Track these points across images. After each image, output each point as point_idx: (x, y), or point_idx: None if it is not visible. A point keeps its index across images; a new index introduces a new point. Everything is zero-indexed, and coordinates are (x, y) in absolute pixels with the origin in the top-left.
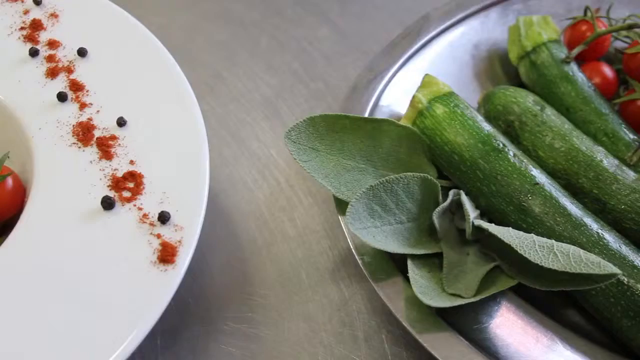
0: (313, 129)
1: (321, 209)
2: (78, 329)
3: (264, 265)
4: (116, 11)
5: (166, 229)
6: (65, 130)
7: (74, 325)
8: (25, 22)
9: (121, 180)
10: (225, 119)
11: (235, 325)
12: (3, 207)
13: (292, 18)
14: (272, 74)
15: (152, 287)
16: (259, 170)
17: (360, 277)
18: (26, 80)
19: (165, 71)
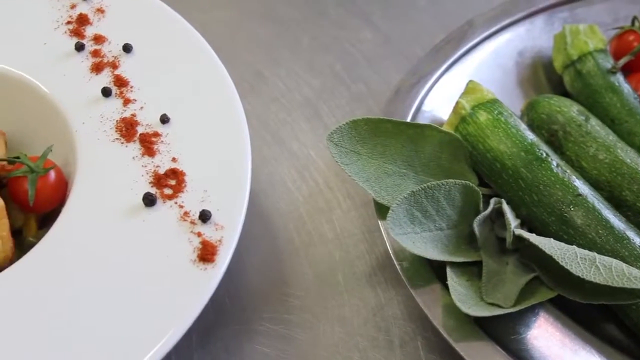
0: (355, 132)
1: (359, 212)
2: (116, 325)
3: (301, 267)
4: (161, 7)
5: (207, 228)
6: (109, 126)
7: (112, 321)
8: (71, 17)
9: (163, 178)
10: (266, 119)
11: (270, 326)
12: (45, 199)
13: (334, 19)
14: (313, 75)
15: (192, 286)
16: (298, 171)
17: (397, 282)
18: (71, 74)
19: (209, 69)
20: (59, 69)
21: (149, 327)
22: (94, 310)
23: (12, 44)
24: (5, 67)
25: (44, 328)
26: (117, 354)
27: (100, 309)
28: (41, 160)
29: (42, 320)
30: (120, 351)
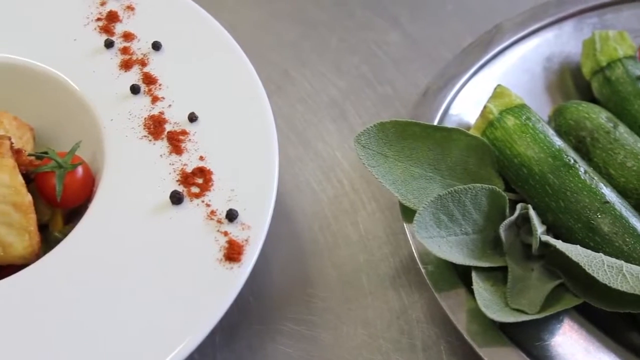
0: (383, 134)
1: (384, 214)
2: (140, 322)
3: (325, 268)
4: (190, 6)
5: (233, 227)
6: (137, 123)
7: (136, 319)
8: (101, 14)
9: (190, 176)
10: (292, 119)
11: (293, 327)
12: (72, 195)
13: (362, 21)
14: (340, 76)
15: (217, 285)
16: (323, 172)
17: (421, 285)
18: (100, 71)
19: (237, 68)
20: (88, 65)
21: (174, 325)
22: (119, 307)
23: (42, 39)
24: (35, 62)
25: (69, 324)
26: (141, 352)
27: (125, 306)
28: (69, 155)
29: (67, 316)
30: (145, 349)
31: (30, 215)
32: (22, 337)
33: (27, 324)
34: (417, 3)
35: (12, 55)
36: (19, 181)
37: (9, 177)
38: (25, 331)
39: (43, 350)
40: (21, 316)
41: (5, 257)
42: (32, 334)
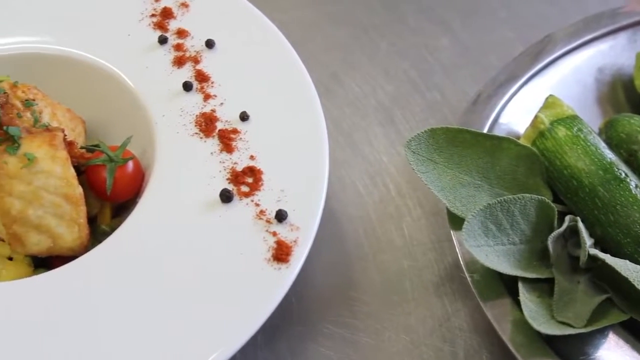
0: (433, 140)
1: (429, 221)
2: (185, 320)
3: (369, 272)
4: (244, 4)
5: (282, 228)
6: (188, 120)
7: (182, 316)
8: (156, 10)
9: (240, 175)
10: (340, 122)
11: (335, 329)
12: (122, 189)
13: (413, 26)
14: (389, 80)
15: (265, 285)
16: (370, 175)
17: (464, 293)
18: (153, 66)
19: (290, 69)
20: (141, 60)
21: (219, 324)
22: (165, 304)
23: (97, 33)
24: (90, 56)
25: (114, 318)
26: (185, 350)
27: (171, 303)
28: (120, 150)
29: (113, 310)
30: (189, 347)
31: (80, 208)
32: (67, 327)
33: (72, 315)
34: (469, 9)
35: (67, 48)
36: (70, 173)
37: (62, 169)
38: (71, 322)
39: (88, 343)
40: (67, 307)
41: (54, 248)
42: (78, 325)
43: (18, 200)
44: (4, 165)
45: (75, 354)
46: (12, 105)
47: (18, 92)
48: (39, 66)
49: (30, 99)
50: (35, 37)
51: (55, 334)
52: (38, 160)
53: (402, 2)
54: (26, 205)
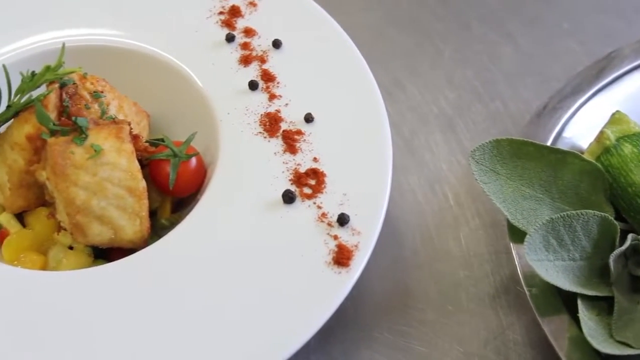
0: (497, 151)
1: (487, 232)
2: (244, 319)
3: (424, 280)
4: (311, 6)
5: (343, 232)
6: (253, 119)
7: (240, 316)
8: (224, 7)
9: (303, 176)
10: (401, 127)
11: (389, 336)
12: (184, 185)
13: (477, 34)
14: (451, 88)
15: (325, 288)
16: (429, 183)
17: (520, 307)
18: (220, 64)
19: (355, 72)
20: (208, 57)
21: (277, 326)
22: (221, 302)
23: (165, 29)
24: (158, 51)
25: (170, 314)
26: (240, 350)
27: (229, 302)
28: (184, 145)
29: (170, 305)
30: (245, 347)
31: (143, 201)
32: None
33: (130, 309)
34: (533, 19)
35: (136, 42)
36: (135, 167)
37: (127, 161)
38: (129, 316)
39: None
40: (125, 300)
41: (115, 240)
42: (134, 319)
43: (83, 190)
44: (71, 156)
45: (130, 348)
46: (80, 97)
47: (87, 83)
48: (108, 59)
49: (99, 90)
50: (106, 30)
51: (113, 326)
52: (104, 152)
53: (466, 9)
54: (90, 196)
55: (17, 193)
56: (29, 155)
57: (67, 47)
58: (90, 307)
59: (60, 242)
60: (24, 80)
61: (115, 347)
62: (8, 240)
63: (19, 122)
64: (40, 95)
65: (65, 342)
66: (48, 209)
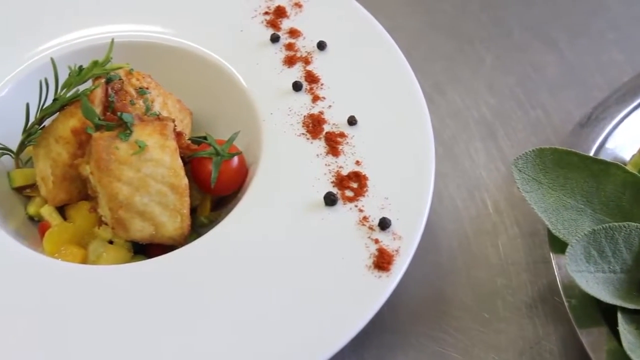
0: (540, 160)
1: (526, 240)
2: (283, 320)
3: (461, 287)
4: (356, 8)
5: (384, 236)
6: (296, 120)
7: (279, 317)
8: (269, 8)
9: (345, 179)
10: (440, 133)
11: (424, 342)
12: (225, 183)
13: (519, 41)
14: (492, 95)
15: (364, 292)
16: (468, 190)
17: (557, 318)
18: (264, 64)
19: (399, 76)
20: (253, 57)
21: (315, 328)
22: (260, 302)
23: (211, 28)
24: (203, 49)
25: (207, 313)
26: (277, 352)
27: (267, 303)
28: (227, 144)
29: (207, 304)
30: (282, 349)
31: (185, 199)
32: (161, 316)
33: (167, 306)
34: (577, 28)
35: (182, 40)
36: (178, 164)
37: (170, 159)
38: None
39: (177, 335)
40: (164, 297)
41: (155, 236)
42: (172, 316)
43: (126, 186)
44: (115, 151)
45: (164, 345)
46: (126, 92)
47: (133, 79)
48: (154, 55)
49: (144, 87)
50: (153, 26)
51: (150, 322)
52: (148, 149)
53: (510, 16)
54: (133, 191)
55: (60, 186)
56: (73, 149)
57: (114, 42)
58: (129, 303)
59: (100, 236)
60: (71, 74)
61: (150, 343)
62: (49, 233)
63: (65, 115)
64: (86, 89)
65: (101, 336)
66: (90, 203)
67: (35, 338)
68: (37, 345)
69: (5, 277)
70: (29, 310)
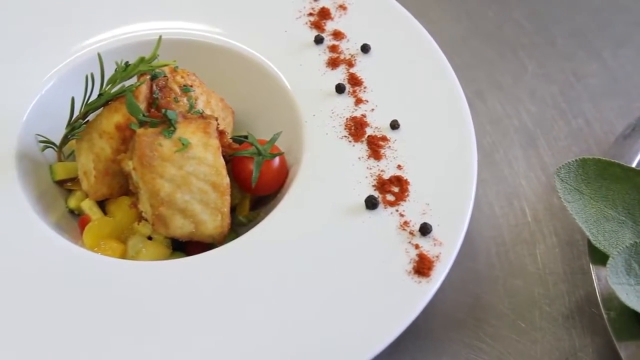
0: (582, 170)
1: (564, 250)
2: (321, 322)
3: (498, 295)
4: (401, 12)
5: (425, 241)
6: (338, 122)
7: (316, 318)
8: (314, 9)
9: (387, 183)
10: (480, 139)
11: (460, 349)
12: (266, 183)
13: (563, 50)
14: (533, 103)
15: (404, 297)
16: (507, 197)
17: (594, 329)
18: (307, 65)
19: (443, 81)
20: (296, 58)
21: (354, 331)
22: (298, 304)
23: (255, 27)
24: (247, 49)
25: (245, 312)
26: (313, 354)
27: (305, 304)
28: (269, 144)
29: (245, 303)
30: (318, 351)
31: (226, 197)
32: (197, 314)
33: (203, 304)
34: (622, 38)
35: (225, 38)
36: (220, 162)
37: (213, 157)
38: (201, 310)
39: (211, 334)
40: (201, 295)
41: (195, 234)
42: (206, 314)
43: (168, 183)
44: (159, 148)
45: (197, 344)
46: (170, 89)
47: (177, 77)
48: (198, 53)
49: (188, 85)
50: (198, 24)
51: (186, 320)
52: (191, 146)
53: (553, 24)
54: (175, 188)
55: (102, 181)
56: (116, 145)
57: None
58: (167, 299)
59: (140, 232)
60: (117, 70)
61: (186, 341)
62: (89, 227)
63: (109, 111)
64: (131, 85)
65: (138, 331)
66: (130, 198)
67: (73, 329)
68: (75, 336)
69: (46, 269)
70: (68, 302)
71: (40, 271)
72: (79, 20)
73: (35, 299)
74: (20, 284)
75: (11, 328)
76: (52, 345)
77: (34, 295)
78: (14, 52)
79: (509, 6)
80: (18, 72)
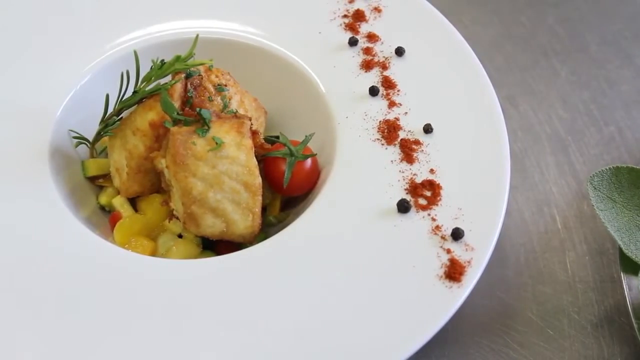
0: (616, 179)
1: (594, 259)
2: (350, 325)
3: (526, 302)
4: (436, 16)
5: (457, 246)
6: (371, 125)
7: (345, 321)
8: (348, 11)
9: (419, 187)
10: (511, 145)
11: (486, 355)
12: (297, 184)
13: (596, 56)
14: (565, 110)
15: (434, 302)
16: (537, 204)
17: (623, 339)
18: (341, 67)
19: (477, 86)
20: (330, 59)
21: (384, 334)
22: (328, 306)
23: (290, 28)
24: (282, 49)
25: (273, 313)
26: (344, 357)
27: (334, 307)
28: (302, 145)
29: (274, 305)
30: (347, 354)
31: (257, 197)
32: (226, 313)
33: (232, 304)
34: None
35: (260, 39)
36: (253, 162)
37: (246, 157)
38: (230, 310)
39: (245, 333)
40: (230, 295)
41: (226, 233)
42: (234, 314)
43: (201, 181)
44: (192, 146)
45: (231, 343)
46: (204, 88)
47: (212, 76)
48: (233, 53)
49: (223, 84)
50: (234, 24)
51: (219, 319)
52: (225, 146)
53: (587, 31)
54: (207, 187)
55: (134, 178)
56: (149, 142)
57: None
58: (196, 298)
59: (170, 229)
60: (153, 68)
61: (215, 339)
62: (120, 224)
63: (143, 108)
64: (166, 84)
65: (166, 328)
66: (162, 196)
67: (101, 324)
68: (103, 331)
69: (77, 264)
70: (97, 297)
71: (71, 266)
72: (115, 17)
73: (64, 293)
74: (50, 278)
75: (41, 321)
76: (81, 339)
77: (64, 290)
78: (50, 48)
79: (542, 12)
80: (53, 68)
